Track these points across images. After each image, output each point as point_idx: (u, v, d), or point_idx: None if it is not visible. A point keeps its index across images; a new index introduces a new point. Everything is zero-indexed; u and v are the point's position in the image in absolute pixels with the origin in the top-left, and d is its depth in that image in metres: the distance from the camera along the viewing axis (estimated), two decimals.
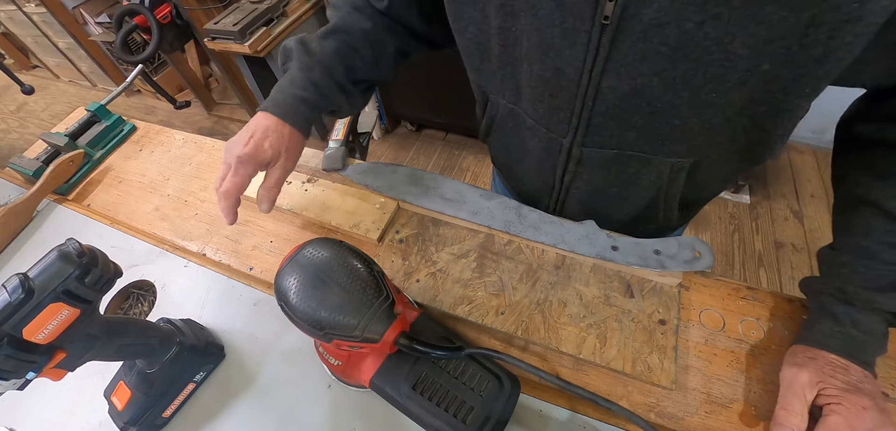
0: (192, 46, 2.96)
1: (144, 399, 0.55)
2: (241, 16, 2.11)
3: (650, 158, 0.56)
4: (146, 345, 0.53)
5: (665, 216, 0.66)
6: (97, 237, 0.80)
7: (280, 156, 0.61)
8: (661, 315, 0.57)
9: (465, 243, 0.68)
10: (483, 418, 0.47)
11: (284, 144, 0.61)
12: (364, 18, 0.66)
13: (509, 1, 0.49)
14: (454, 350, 0.48)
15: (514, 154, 0.72)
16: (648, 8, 0.40)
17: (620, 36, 0.43)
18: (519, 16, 0.49)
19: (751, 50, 0.40)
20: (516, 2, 0.48)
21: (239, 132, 0.60)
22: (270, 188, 0.61)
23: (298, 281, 0.42)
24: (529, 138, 0.64)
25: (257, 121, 0.61)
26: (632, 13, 0.41)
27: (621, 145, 0.56)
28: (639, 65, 0.45)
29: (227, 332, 0.65)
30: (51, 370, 0.44)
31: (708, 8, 0.38)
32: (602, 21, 0.43)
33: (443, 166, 2.57)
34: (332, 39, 0.65)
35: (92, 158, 0.95)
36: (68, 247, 0.43)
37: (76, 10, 2.96)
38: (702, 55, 0.41)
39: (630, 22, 0.42)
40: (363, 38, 0.66)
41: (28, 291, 0.40)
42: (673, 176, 0.58)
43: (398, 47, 0.70)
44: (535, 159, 0.67)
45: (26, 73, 4.19)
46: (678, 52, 0.42)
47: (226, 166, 0.58)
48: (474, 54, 0.60)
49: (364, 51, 0.66)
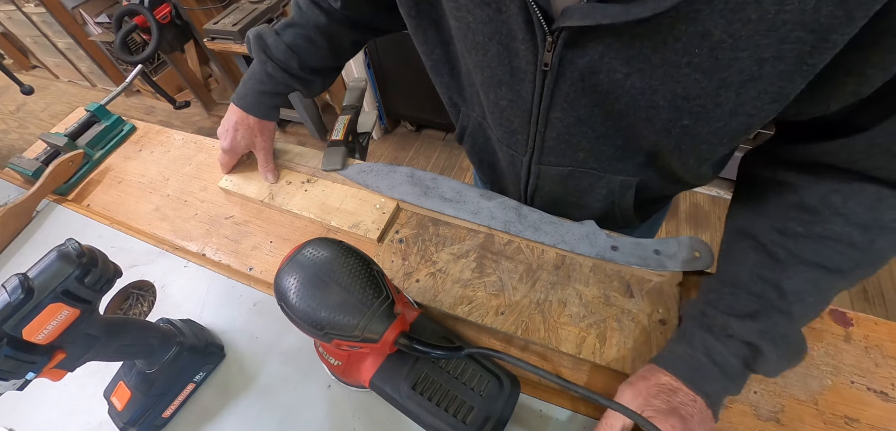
0: (191, 46, 2.96)
1: (144, 400, 0.55)
2: (240, 16, 2.11)
3: (600, 175, 0.60)
4: (146, 345, 0.53)
5: (623, 219, 0.68)
6: (97, 237, 0.80)
7: (253, 143, 0.79)
8: (661, 315, 0.57)
9: (464, 243, 0.68)
10: (483, 418, 0.47)
11: (254, 133, 0.78)
12: (320, 13, 0.71)
13: (462, 37, 0.52)
14: (454, 350, 0.48)
15: (485, 161, 0.77)
16: (581, 59, 0.44)
17: (560, 79, 0.48)
18: (471, 52, 0.53)
19: (670, 104, 0.44)
20: (467, 41, 0.52)
21: (223, 119, 0.78)
22: (263, 167, 0.81)
23: (298, 281, 0.42)
24: (497, 150, 0.69)
25: (230, 114, 0.77)
26: (568, 62, 0.45)
27: (574, 164, 0.60)
28: (579, 100, 0.49)
29: (226, 332, 0.65)
30: (50, 370, 0.44)
31: (632, 63, 0.42)
32: (543, 68, 0.47)
33: (443, 165, 2.57)
34: (287, 33, 0.72)
35: (91, 158, 0.95)
36: (68, 247, 0.43)
37: (75, 10, 2.96)
38: (629, 100, 0.46)
39: (567, 69, 0.46)
40: (317, 31, 0.72)
41: (28, 291, 0.40)
42: (623, 191, 0.62)
43: (354, 39, 0.77)
44: (503, 169, 0.72)
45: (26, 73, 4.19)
46: (610, 95, 0.46)
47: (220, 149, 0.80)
48: (443, 71, 0.63)
49: (319, 42, 0.73)
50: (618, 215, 0.67)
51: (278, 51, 0.71)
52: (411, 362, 0.50)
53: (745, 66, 0.37)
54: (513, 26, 0.46)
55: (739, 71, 0.38)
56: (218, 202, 0.83)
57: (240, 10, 2.16)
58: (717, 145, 0.48)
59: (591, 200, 0.65)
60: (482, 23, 0.48)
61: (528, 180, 0.67)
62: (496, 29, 0.47)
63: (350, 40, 0.77)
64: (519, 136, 0.59)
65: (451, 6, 0.50)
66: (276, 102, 0.77)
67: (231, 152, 0.79)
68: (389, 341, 0.44)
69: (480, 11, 0.47)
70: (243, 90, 0.75)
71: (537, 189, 0.67)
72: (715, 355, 0.47)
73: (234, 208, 0.81)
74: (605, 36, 0.41)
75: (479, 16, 0.47)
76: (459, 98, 0.67)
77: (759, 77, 0.38)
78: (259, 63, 0.73)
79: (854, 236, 0.43)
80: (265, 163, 0.80)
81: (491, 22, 0.47)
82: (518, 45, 0.47)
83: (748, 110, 0.41)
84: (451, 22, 0.53)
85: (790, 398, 0.52)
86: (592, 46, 0.43)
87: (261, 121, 0.77)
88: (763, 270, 0.47)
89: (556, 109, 0.52)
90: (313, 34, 0.72)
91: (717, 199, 2.12)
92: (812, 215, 0.45)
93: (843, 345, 0.55)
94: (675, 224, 2.06)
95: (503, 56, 0.50)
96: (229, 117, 0.77)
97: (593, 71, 0.45)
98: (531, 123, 0.56)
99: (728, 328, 0.47)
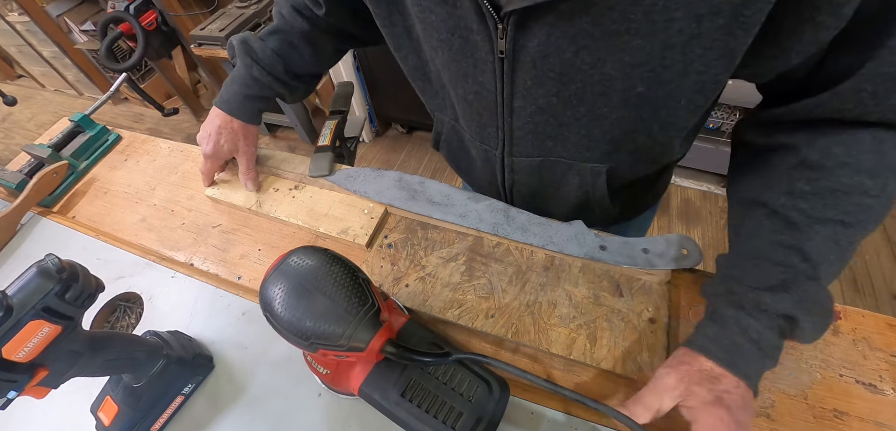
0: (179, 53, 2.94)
1: (132, 414, 0.54)
2: (227, 21, 2.10)
3: (571, 163, 0.61)
4: (131, 359, 0.53)
5: (602, 210, 0.68)
6: (82, 250, 0.79)
7: (236, 147, 0.77)
8: (650, 314, 0.57)
9: (453, 247, 0.67)
10: (473, 422, 0.47)
11: (238, 137, 0.77)
12: (303, 20, 0.72)
13: (428, 37, 0.54)
14: (441, 356, 0.47)
15: (462, 165, 0.78)
16: (531, 42, 0.46)
17: (517, 66, 0.49)
18: (437, 51, 0.55)
19: (622, 73, 0.45)
20: (432, 40, 0.54)
21: (204, 124, 0.77)
22: (245, 174, 0.79)
23: (283, 291, 0.42)
24: (471, 150, 0.70)
25: (213, 118, 0.76)
26: (520, 47, 0.47)
27: (544, 153, 0.60)
28: (538, 88, 0.50)
29: (215, 343, 0.64)
30: (33, 388, 0.43)
31: (578, 40, 0.43)
32: (499, 56, 0.49)
33: (434, 167, 2.56)
34: (272, 39, 0.73)
35: (76, 169, 0.94)
36: (47, 263, 0.42)
37: (60, 18, 2.93)
38: (584, 78, 0.47)
39: (520, 54, 0.48)
40: (301, 38, 0.74)
41: (6, 309, 0.39)
42: (594, 178, 0.62)
43: (336, 46, 0.79)
44: (479, 168, 0.72)
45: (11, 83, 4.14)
46: (564, 77, 0.48)
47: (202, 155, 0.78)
48: (417, 79, 0.65)
49: (303, 49, 0.74)
50: (595, 206, 0.67)
51: (264, 55, 0.72)
52: (400, 369, 0.50)
53: (684, 25, 0.38)
54: (468, 18, 0.48)
55: (679, 31, 0.39)
56: (205, 211, 0.83)
57: (227, 16, 2.14)
58: (676, 110, 0.49)
59: (566, 191, 0.66)
60: (441, 20, 0.50)
61: (504, 175, 0.67)
62: (455, 24, 0.50)
63: (332, 48, 0.78)
64: (489, 128, 0.61)
65: (415, 10, 0.52)
66: (261, 106, 0.78)
67: (213, 157, 0.77)
68: (376, 349, 0.44)
69: (439, 9, 0.49)
70: (227, 94, 0.75)
71: (514, 183, 0.68)
72: (751, 332, 0.45)
73: (221, 217, 0.81)
74: (547, 16, 0.43)
75: (439, 13, 0.50)
76: (434, 103, 0.69)
77: (699, 34, 0.39)
78: (244, 67, 0.73)
79: (866, 184, 0.42)
80: (247, 170, 0.79)
81: (449, 18, 0.49)
82: (475, 37, 0.49)
83: (697, 69, 0.42)
84: (418, 26, 0.55)
85: (780, 393, 0.52)
86: (539, 29, 0.44)
87: (246, 125, 0.77)
88: (781, 236, 0.46)
89: (517, 97, 0.53)
90: (297, 41, 0.74)
91: (708, 194, 2.13)
92: (817, 172, 0.44)
93: (831, 339, 0.55)
94: (666, 220, 2.07)
95: (465, 48, 0.51)
96: (212, 121, 0.76)
97: (544, 54, 0.46)
98: (498, 115, 0.57)
99: (761, 303, 0.45)
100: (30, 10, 2.85)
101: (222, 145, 0.76)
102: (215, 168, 0.81)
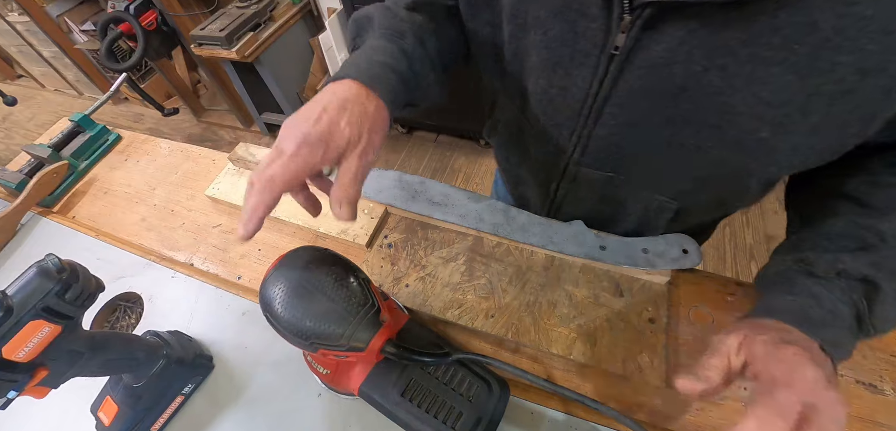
0: (179, 53, 2.93)
1: (132, 414, 0.54)
2: (227, 21, 2.09)
3: (640, 189, 0.56)
4: (131, 359, 0.53)
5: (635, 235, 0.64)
6: (82, 250, 0.79)
7: (361, 138, 0.42)
8: (650, 314, 0.57)
9: (454, 247, 0.67)
10: (473, 422, 0.47)
11: (368, 123, 0.43)
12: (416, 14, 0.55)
13: (520, 13, 0.48)
14: (441, 356, 0.47)
15: (513, 159, 0.73)
16: (658, 45, 0.39)
17: (628, 67, 0.42)
18: (528, 31, 0.48)
19: (750, 110, 0.39)
20: (527, 16, 0.47)
21: (303, 107, 0.42)
22: (347, 186, 0.40)
23: (283, 291, 0.41)
24: (531, 146, 0.63)
25: (331, 92, 0.43)
26: (642, 47, 0.40)
27: (615, 169, 0.54)
28: (641, 98, 0.44)
29: (215, 343, 0.64)
30: (33, 388, 0.43)
31: (715, 56, 0.37)
32: (612, 51, 0.42)
33: (434, 167, 2.56)
34: (420, 13, 0.55)
35: (76, 169, 0.94)
36: (47, 263, 0.42)
37: (60, 17, 2.92)
38: (703, 101, 0.41)
39: (639, 55, 0.41)
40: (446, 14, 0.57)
41: (6, 309, 0.39)
42: (658, 212, 0.58)
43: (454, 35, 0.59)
44: (534, 168, 0.67)
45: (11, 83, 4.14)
46: (681, 94, 0.41)
47: (276, 150, 0.40)
48: (488, 55, 0.57)
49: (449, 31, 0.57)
50: (636, 233, 0.64)
51: (415, 24, 0.53)
52: (400, 369, 0.50)
53: (847, 74, 0.34)
54: (587, 2, 0.42)
55: (837, 80, 0.34)
56: (205, 211, 0.83)
57: (227, 16, 2.14)
58: (785, 168, 0.44)
59: (620, 215, 0.62)
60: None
61: (559, 183, 0.62)
62: (566, 3, 0.43)
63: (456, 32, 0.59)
64: (562, 131, 0.54)
65: None
66: (402, 97, 0.49)
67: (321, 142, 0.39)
68: (376, 349, 0.44)
69: None
70: (363, 64, 0.47)
71: (568, 194, 0.63)
72: (824, 301, 0.39)
73: (221, 217, 0.81)
74: (690, 20, 0.37)
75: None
76: (500, 84, 0.60)
77: (854, 90, 0.34)
78: (389, 37, 0.50)
79: None
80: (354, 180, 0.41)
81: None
82: (587, 23, 0.42)
83: (836, 124, 0.37)
84: None
85: None
86: (673, 31, 0.38)
87: (383, 109, 0.45)
88: (858, 218, 0.42)
89: (613, 103, 0.46)
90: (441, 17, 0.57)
91: None
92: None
93: None
94: None
95: (566, 35, 0.44)
96: (329, 96, 0.43)
97: (668, 62, 0.40)
98: (580, 117, 0.50)
99: (838, 263, 0.40)
100: (30, 10, 2.85)
101: (343, 128, 0.41)
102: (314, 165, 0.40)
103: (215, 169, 0.89)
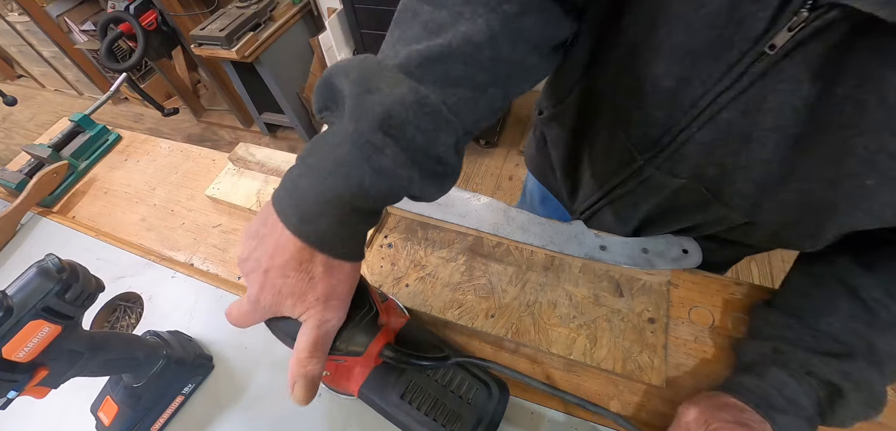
0: (179, 53, 2.94)
1: (132, 414, 0.54)
2: (227, 21, 2.10)
3: (710, 202, 0.49)
4: (131, 359, 0.53)
5: None
6: (83, 250, 0.79)
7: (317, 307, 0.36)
8: (650, 314, 0.57)
9: (453, 247, 0.67)
10: (472, 424, 0.47)
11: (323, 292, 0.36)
12: None
13: None
14: (441, 359, 0.47)
15: (572, 144, 0.63)
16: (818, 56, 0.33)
17: (773, 72, 0.36)
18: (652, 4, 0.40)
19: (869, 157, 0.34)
20: None
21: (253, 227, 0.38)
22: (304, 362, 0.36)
23: None
24: (603, 134, 0.55)
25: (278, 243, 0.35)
26: (801, 54, 0.34)
27: (695, 177, 0.48)
28: (770, 110, 0.37)
29: (215, 343, 0.64)
30: (33, 388, 0.43)
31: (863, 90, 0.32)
32: (766, 49, 0.35)
33: None
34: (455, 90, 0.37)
35: (76, 169, 0.94)
36: (47, 263, 0.42)
37: (60, 17, 2.93)
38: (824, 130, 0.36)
39: (793, 61, 0.34)
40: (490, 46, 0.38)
41: (6, 309, 0.39)
42: (717, 222, 0.53)
43: None
44: (593, 159, 0.59)
45: (11, 83, 4.14)
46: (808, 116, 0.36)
47: None
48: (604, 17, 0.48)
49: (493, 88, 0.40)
50: None
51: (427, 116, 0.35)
52: (400, 371, 0.49)
53: None
54: None
55: None
56: (205, 211, 0.82)
57: (227, 16, 2.14)
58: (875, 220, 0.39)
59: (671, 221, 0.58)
60: None
61: (622, 182, 0.55)
62: None
63: None
64: (654, 128, 0.46)
65: None
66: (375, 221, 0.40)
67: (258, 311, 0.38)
68: (374, 353, 0.44)
69: None
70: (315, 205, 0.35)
71: (625, 195, 0.58)
72: (787, 391, 0.42)
73: (221, 217, 0.81)
74: (875, 37, 0.30)
75: None
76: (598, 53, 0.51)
77: None
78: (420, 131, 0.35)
79: None
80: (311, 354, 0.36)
81: None
82: (749, 7, 0.35)
83: None
84: None
85: None
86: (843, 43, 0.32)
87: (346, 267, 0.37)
88: (856, 324, 0.42)
89: (734, 109, 0.39)
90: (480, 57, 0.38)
91: None
92: None
93: None
94: None
95: (719, 17, 0.36)
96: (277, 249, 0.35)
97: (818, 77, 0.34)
98: (686, 116, 0.43)
99: (808, 364, 0.42)
100: (30, 10, 2.85)
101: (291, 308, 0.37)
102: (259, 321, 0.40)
103: (215, 169, 0.89)
